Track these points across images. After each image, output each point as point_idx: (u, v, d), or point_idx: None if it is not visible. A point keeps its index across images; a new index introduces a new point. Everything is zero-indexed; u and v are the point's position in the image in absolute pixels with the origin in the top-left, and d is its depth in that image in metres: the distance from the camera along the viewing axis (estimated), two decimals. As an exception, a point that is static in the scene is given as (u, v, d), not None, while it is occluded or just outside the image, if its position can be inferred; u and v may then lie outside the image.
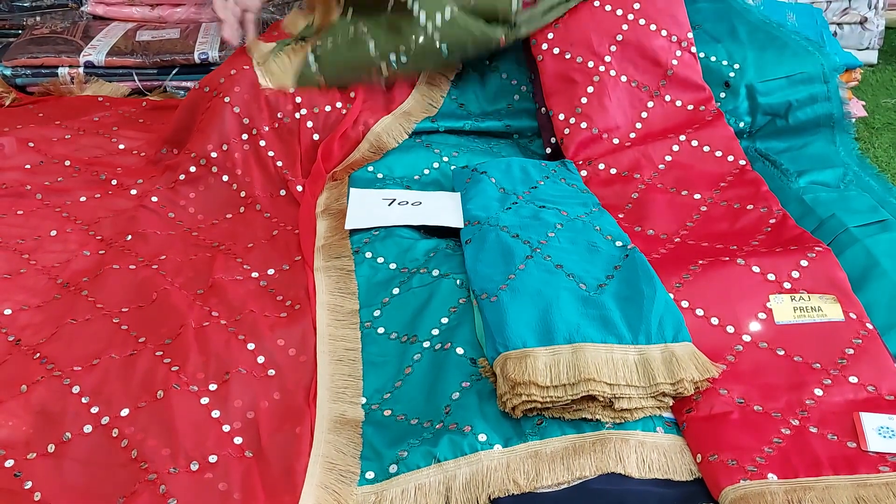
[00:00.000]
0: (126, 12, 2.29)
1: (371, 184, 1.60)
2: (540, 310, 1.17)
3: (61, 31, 2.18)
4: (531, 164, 1.58)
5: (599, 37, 1.73)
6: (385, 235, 1.44)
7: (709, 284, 1.27)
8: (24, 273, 1.42)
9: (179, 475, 1.05)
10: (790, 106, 1.74)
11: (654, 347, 1.13)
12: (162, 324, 1.29)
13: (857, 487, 0.99)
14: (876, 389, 1.13)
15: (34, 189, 1.63)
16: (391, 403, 1.17)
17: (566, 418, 1.09)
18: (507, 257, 1.29)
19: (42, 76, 2.10)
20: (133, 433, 1.11)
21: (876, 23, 2.29)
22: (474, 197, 1.47)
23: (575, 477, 1.03)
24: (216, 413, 1.14)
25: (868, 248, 1.35)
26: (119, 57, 2.09)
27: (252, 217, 1.59)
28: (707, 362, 1.13)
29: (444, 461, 1.04)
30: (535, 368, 1.08)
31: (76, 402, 1.15)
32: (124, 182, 1.67)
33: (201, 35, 2.15)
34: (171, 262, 1.45)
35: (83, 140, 1.82)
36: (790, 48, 1.78)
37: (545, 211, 1.41)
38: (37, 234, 1.51)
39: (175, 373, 1.18)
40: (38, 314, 1.33)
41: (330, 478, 1.06)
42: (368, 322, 1.31)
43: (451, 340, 1.22)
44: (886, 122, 2.02)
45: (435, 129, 1.75)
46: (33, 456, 1.09)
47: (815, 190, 1.57)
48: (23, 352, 1.25)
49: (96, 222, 1.56)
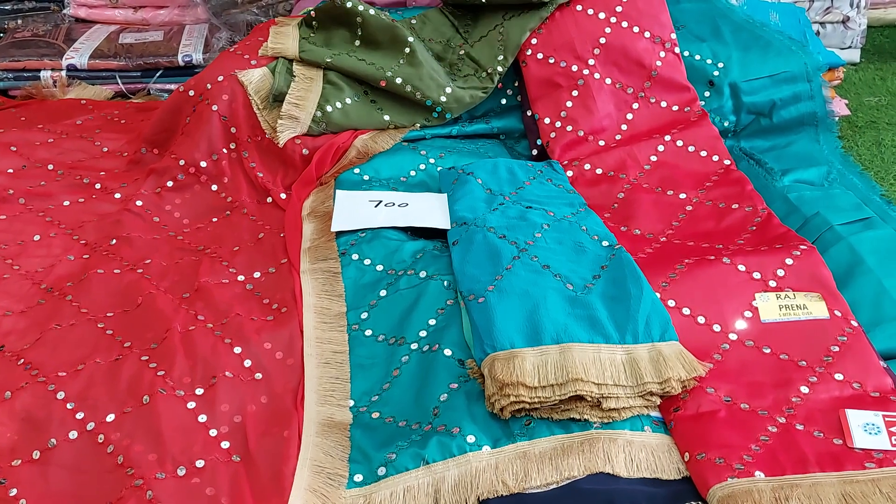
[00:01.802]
0: (109, 15, 2.28)
1: (357, 185, 1.59)
2: (527, 310, 1.17)
3: (43, 35, 2.17)
4: (517, 165, 1.58)
5: (583, 41, 1.73)
6: (372, 237, 1.44)
7: (695, 283, 1.27)
8: (8, 279, 1.41)
9: (166, 480, 1.04)
10: (774, 105, 1.75)
11: (642, 347, 1.14)
12: (148, 328, 1.28)
13: (844, 484, 0.99)
14: (861, 386, 1.13)
15: (17, 193, 1.62)
16: (379, 406, 1.17)
17: (554, 418, 1.10)
18: (495, 258, 1.29)
19: (24, 80, 2.08)
20: (119, 439, 1.10)
21: (858, 21, 2.31)
22: (461, 198, 1.47)
23: (564, 477, 1.03)
24: (203, 417, 1.13)
25: (852, 245, 1.35)
26: (102, 60, 2.08)
27: (238, 220, 1.59)
28: (694, 361, 1.14)
29: (433, 463, 1.04)
30: (522, 369, 1.08)
31: (61, 408, 1.15)
32: (108, 186, 1.66)
33: (185, 37, 2.14)
34: (156, 266, 1.44)
35: (66, 144, 1.80)
36: (774, 47, 1.79)
37: (532, 211, 1.42)
38: (20, 239, 1.50)
39: (161, 377, 1.18)
40: (22, 320, 1.32)
41: (318, 481, 1.05)
42: (356, 324, 1.30)
43: (438, 342, 1.22)
44: (869, 121, 2.03)
45: (422, 136, 1.75)
46: (18, 463, 1.08)
47: (800, 188, 1.58)
48: (7, 358, 1.24)
49: (80, 226, 1.55)
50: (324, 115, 1.67)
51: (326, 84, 1.71)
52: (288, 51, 1.76)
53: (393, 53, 1.73)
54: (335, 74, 1.72)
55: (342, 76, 1.72)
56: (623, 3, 1.76)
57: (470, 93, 1.73)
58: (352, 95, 1.71)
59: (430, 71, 1.72)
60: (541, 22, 1.75)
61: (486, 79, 1.75)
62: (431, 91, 1.70)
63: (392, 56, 1.72)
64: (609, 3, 1.77)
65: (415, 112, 1.72)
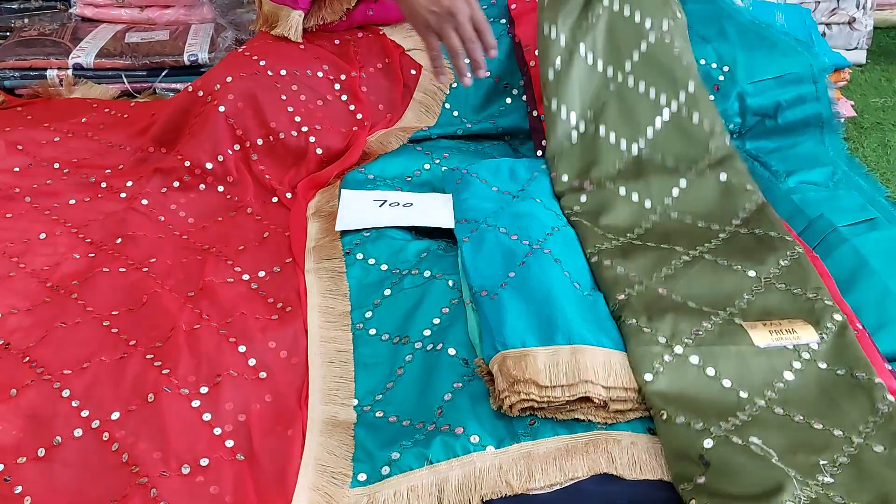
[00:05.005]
0: (115, 14, 2.28)
1: (362, 185, 1.60)
2: (539, 309, 1.17)
3: (50, 33, 2.17)
4: (520, 164, 1.58)
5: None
6: (376, 236, 1.44)
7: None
8: (14, 276, 1.41)
9: (171, 478, 1.05)
10: (779, 106, 1.74)
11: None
12: (152, 327, 1.28)
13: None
14: (867, 389, 1.13)
15: (23, 192, 1.62)
16: (383, 405, 1.17)
17: (559, 419, 1.10)
18: (507, 256, 1.29)
19: (30, 78, 2.09)
20: (124, 437, 1.10)
21: (864, 23, 2.30)
22: (467, 198, 1.47)
23: (567, 478, 1.03)
24: (207, 416, 1.13)
25: (856, 247, 1.35)
26: (108, 59, 2.08)
27: (242, 219, 1.59)
28: (699, 365, 1.14)
29: (437, 463, 1.04)
30: (535, 368, 1.08)
31: (66, 406, 1.15)
32: (114, 184, 1.67)
33: (191, 37, 2.14)
34: (161, 264, 1.44)
35: (72, 142, 1.81)
36: (779, 48, 1.79)
37: (541, 211, 1.41)
38: (26, 238, 1.51)
39: (166, 376, 1.18)
40: (28, 318, 1.33)
41: (322, 480, 1.06)
42: (360, 323, 1.30)
43: (442, 341, 1.22)
44: (875, 122, 2.03)
45: (427, 136, 1.75)
46: (23, 460, 1.08)
47: (804, 190, 1.58)
48: (12, 356, 1.24)
49: (86, 225, 1.55)
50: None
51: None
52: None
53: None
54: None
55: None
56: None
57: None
58: None
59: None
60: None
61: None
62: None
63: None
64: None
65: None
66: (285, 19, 1.81)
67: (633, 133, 1.54)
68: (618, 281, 1.26)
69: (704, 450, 1.01)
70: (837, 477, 0.97)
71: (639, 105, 1.56)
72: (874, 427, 1.03)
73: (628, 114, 1.56)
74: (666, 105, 1.55)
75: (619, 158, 1.52)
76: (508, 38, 1.84)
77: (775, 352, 1.13)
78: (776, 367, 1.11)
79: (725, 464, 0.99)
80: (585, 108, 1.58)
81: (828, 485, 0.96)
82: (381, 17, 1.91)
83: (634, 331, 1.16)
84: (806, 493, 0.94)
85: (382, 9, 1.89)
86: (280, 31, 1.81)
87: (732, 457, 1.00)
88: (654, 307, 1.20)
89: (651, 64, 1.58)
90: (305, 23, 1.84)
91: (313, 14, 1.84)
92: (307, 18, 1.84)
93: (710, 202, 1.44)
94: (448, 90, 1.82)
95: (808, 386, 1.10)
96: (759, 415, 1.06)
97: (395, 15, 1.90)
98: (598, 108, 1.57)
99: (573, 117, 1.57)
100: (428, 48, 1.50)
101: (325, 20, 1.85)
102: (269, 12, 1.83)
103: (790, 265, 1.27)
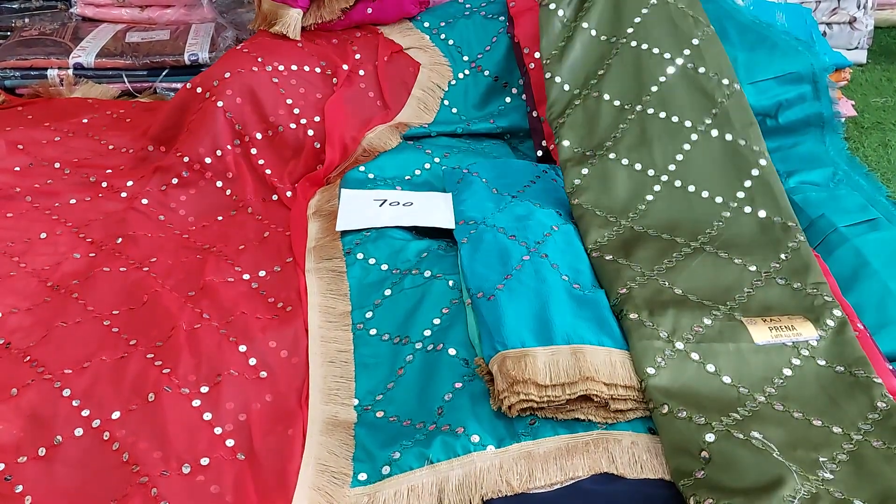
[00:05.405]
0: (115, 14, 2.28)
1: (362, 184, 1.60)
2: (537, 310, 1.17)
3: (50, 33, 2.17)
4: (522, 165, 1.58)
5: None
6: (377, 236, 1.44)
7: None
8: (14, 276, 1.41)
9: (171, 478, 1.05)
10: (780, 106, 1.74)
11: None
12: (153, 326, 1.28)
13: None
14: (868, 388, 1.13)
15: (24, 192, 1.62)
16: (383, 405, 1.17)
17: (559, 418, 1.09)
18: (504, 257, 1.29)
19: (31, 78, 2.09)
20: (124, 436, 1.10)
21: (865, 22, 2.30)
22: (468, 198, 1.47)
23: (568, 477, 1.03)
24: (208, 415, 1.13)
25: (857, 247, 1.35)
26: (109, 58, 2.08)
27: (243, 219, 1.59)
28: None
29: (437, 462, 1.04)
30: (534, 368, 1.08)
31: (67, 406, 1.15)
32: (114, 184, 1.67)
33: (191, 36, 2.14)
34: (161, 264, 1.44)
35: (73, 142, 1.81)
36: (780, 48, 1.78)
37: (539, 211, 1.41)
38: (27, 237, 1.51)
39: (166, 375, 1.18)
40: (28, 317, 1.33)
41: (322, 479, 1.06)
42: (360, 323, 1.30)
43: (443, 341, 1.22)
44: (875, 122, 2.03)
45: (427, 133, 1.75)
46: (24, 460, 1.08)
47: (805, 190, 1.58)
48: (13, 355, 1.24)
49: (86, 225, 1.55)
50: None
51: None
52: None
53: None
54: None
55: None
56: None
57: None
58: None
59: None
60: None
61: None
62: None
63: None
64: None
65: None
66: (284, 18, 1.82)
67: (638, 92, 1.54)
68: (619, 275, 1.26)
69: (706, 444, 1.01)
70: (837, 473, 0.98)
71: (643, 63, 1.56)
72: (873, 424, 1.04)
73: (632, 74, 1.56)
74: (670, 61, 1.55)
75: (623, 120, 1.52)
76: (507, 37, 1.84)
77: (774, 349, 1.13)
78: (775, 364, 1.12)
79: (726, 458, 0.99)
80: (589, 76, 1.59)
81: (828, 481, 0.97)
82: (379, 16, 1.91)
83: (636, 325, 1.16)
84: (806, 487, 0.95)
85: (380, 8, 1.90)
86: (279, 30, 1.82)
87: (734, 451, 1.00)
88: (656, 301, 1.20)
89: (654, 24, 1.60)
90: (304, 21, 1.84)
91: (312, 13, 1.85)
92: (306, 17, 1.84)
93: (716, 165, 1.43)
94: (447, 87, 1.82)
95: (807, 383, 1.10)
96: (760, 410, 1.06)
97: (393, 14, 1.91)
98: (600, 75, 1.58)
99: (573, 85, 1.58)
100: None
101: (323, 19, 1.86)
102: (269, 11, 1.83)
103: (790, 257, 1.28)
